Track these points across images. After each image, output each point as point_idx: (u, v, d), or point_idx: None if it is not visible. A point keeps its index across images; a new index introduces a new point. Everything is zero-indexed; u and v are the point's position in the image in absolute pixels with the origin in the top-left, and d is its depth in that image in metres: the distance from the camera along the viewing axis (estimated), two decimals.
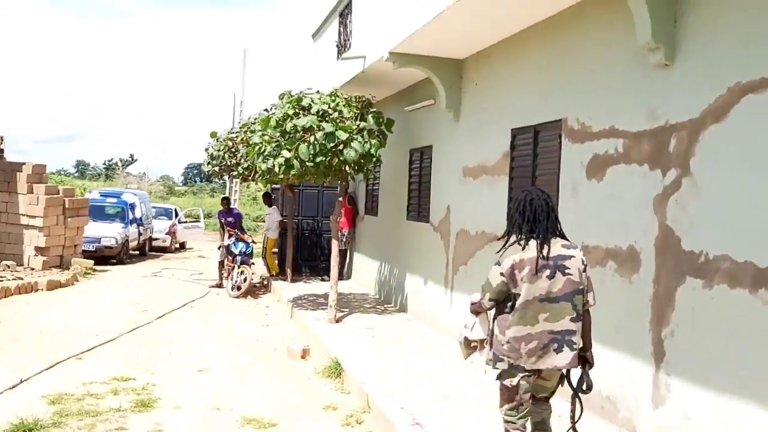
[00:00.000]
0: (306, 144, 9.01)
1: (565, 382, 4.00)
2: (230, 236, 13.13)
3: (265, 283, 14.06)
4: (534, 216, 3.87)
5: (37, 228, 14.30)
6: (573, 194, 5.89)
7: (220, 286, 13.38)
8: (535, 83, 6.70)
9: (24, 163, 14.77)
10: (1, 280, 12.00)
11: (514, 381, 3.85)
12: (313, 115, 9.13)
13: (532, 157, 6.61)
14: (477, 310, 4.08)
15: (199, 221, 24.82)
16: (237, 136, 12.41)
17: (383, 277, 11.56)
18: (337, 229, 9.78)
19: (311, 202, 15.38)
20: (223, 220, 13.42)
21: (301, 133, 9.12)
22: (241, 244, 12.73)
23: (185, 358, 7.70)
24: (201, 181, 79.44)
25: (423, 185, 9.81)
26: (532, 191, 4.01)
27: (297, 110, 9.32)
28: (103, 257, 17.24)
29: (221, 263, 13.46)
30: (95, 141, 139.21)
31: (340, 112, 9.27)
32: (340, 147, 9.03)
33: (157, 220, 22.44)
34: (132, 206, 19.32)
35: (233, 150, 12.55)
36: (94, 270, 15.28)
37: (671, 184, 4.66)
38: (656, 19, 4.71)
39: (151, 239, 21.25)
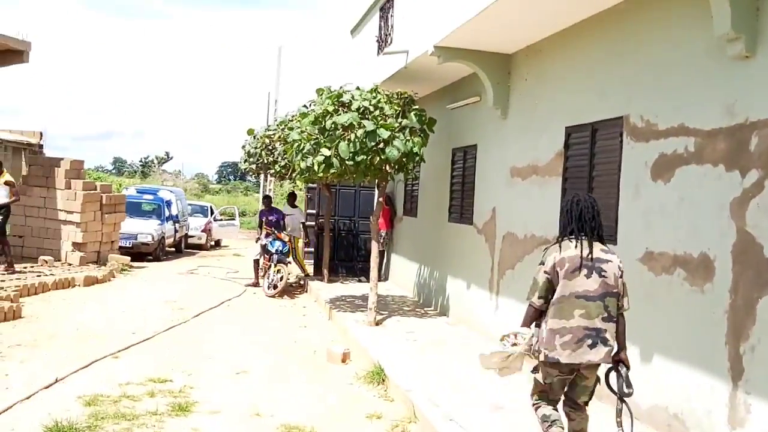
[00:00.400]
0: (346, 142, 8.78)
1: (605, 385, 4.13)
2: (267, 235, 12.95)
3: (302, 282, 13.87)
4: (580, 218, 4.06)
5: (74, 223, 14.31)
6: (635, 196, 5.53)
7: (256, 285, 13.21)
8: (592, 78, 6.35)
9: (62, 159, 14.80)
10: (39, 275, 11.99)
11: (549, 379, 4.08)
12: (354, 111, 8.88)
13: (589, 157, 6.26)
14: (532, 312, 4.14)
15: (234, 219, 24.78)
16: (274, 134, 12.22)
17: (422, 280, 11.27)
18: (376, 230, 9.52)
19: (348, 201, 15.16)
20: (264, 219, 13.25)
21: (340, 130, 8.88)
22: (277, 243, 12.54)
23: (222, 360, 7.50)
24: (235, 180, 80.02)
25: (466, 186, 9.50)
26: (580, 195, 4.24)
27: (337, 107, 9.09)
28: (139, 254, 17.24)
29: (257, 262, 13.29)
30: (132, 139, 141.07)
31: (381, 109, 9.01)
32: (381, 145, 8.78)
33: (192, 218, 22.45)
34: (168, 203, 19.31)
35: (270, 148, 12.37)
36: (131, 266, 15.25)
37: (752, 186, 4.29)
38: (737, 8, 4.34)
39: (187, 236, 21.25)
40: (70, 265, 13.96)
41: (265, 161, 12.26)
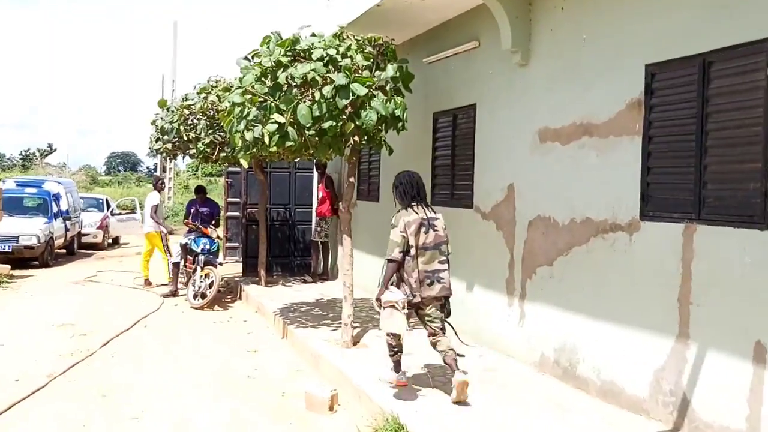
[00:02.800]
0: (308, 103, 6.52)
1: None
2: (189, 231, 10.44)
3: (230, 285, 11.42)
4: (417, 189, 5.43)
5: None
6: None
7: (175, 294, 10.67)
8: None
9: None
10: None
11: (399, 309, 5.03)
12: (317, 61, 6.62)
13: (700, 102, 4.32)
14: (394, 267, 5.23)
15: (135, 212, 21.68)
16: (195, 104, 9.69)
17: None
18: (348, 220, 7.30)
19: (282, 186, 12.81)
20: (192, 211, 10.67)
21: (299, 88, 6.61)
22: (203, 240, 10.06)
23: (155, 419, 5.13)
24: (126, 170, 74.96)
25: (459, 159, 7.44)
26: (411, 172, 5.60)
27: (291, 57, 6.78)
28: (22, 259, 14.18)
29: (176, 266, 10.75)
30: (11, 131, 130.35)
31: (352, 58, 6.77)
32: (351, 108, 6.60)
33: (85, 213, 19.25)
34: (56, 197, 16.19)
35: (190, 122, 9.83)
36: (12, 277, 12.28)
37: None
38: None
39: (80, 235, 18.11)
40: None
41: (185, 138, 9.70)
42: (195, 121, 9.77)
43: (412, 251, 5.15)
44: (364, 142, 7.19)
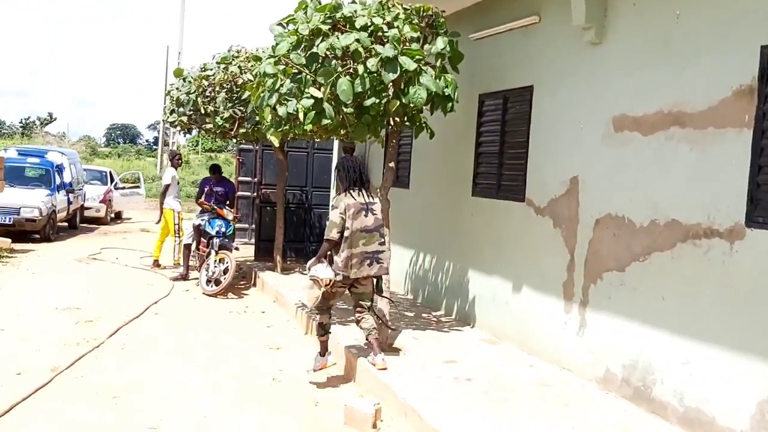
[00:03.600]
0: (349, 77, 5.84)
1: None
2: (203, 211, 9.78)
3: (243, 272, 10.78)
4: (358, 175, 5.68)
5: None
6: None
7: (185, 278, 10.03)
8: None
9: None
10: None
11: (334, 290, 5.55)
12: (361, 31, 5.93)
13: None
14: (329, 246, 5.56)
15: (139, 186, 21.01)
16: (214, 75, 8.99)
17: (421, 273, 8.52)
18: (386, 209, 6.63)
19: (299, 167, 12.14)
20: (206, 190, 10.00)
21: (341, 60, 5.94)
22: (218, 222, 9.40)
23: (175, 428, 4.51)
24: (125, 143, 74.06)
25: (509, 146, 6.77)
26: (353, 158, 5.98)
27: (331, 24, 6.09)
28: (23, 232, 13.53)
29: (188, 247, 10.10)
30: (13, 99, 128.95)
31: (399, 29, 6.08)
32: (396, 84, 5.94)
33: (88, 186, 18.55)
34: (60, 168, 15.49)
35: (209, 95, 9.13)
36: (12, 251, 11.63)
37: None
38: None
39: (82, 209, 17.44)
40: None
41: (203, 111, 9.00)
42: (213, 93, 9.07)
43: (347, 233, 5.48)
44: (406, 123, 6.56)
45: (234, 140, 9.91)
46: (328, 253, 5.63)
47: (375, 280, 5.75)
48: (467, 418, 4.53)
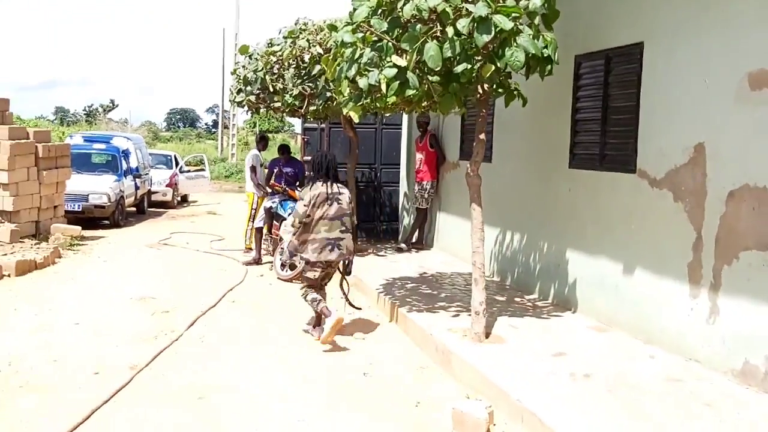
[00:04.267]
0: (437, 41, 5.26)
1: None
2: (274, 193, 9.38)
3: None
4: (327, 167, 6.15)
5: (0, 185, 10.47)
6: None
7: (258, 262, 9.69)
8: None
9: None
10: None
11: (312, 273, 6.14)
12: None
13: None
14: (295, 232, 6.09)
15: (203, 169, 20.91)
16: (282, 50, 8.51)
17: (510, 253, 7.91)
18: (478, 186, 6.03)
19: (367, 144, 11.64)
20: (276, 170, 9.62)
21: (426, 24, 5.35)
22: (290, 205, 8.98)
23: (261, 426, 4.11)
24: (185, 126, 75.10)
25: (614, 112, 6.08)
26: (326, 153, 6.50)
27: None
28: (91, 219, 13.48)
29: (260, 231, 9.73)
30: (77, 87, 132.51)
31: None
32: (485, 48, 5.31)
33: (154, 170, 18.47)
34: (126, 153, 15.40)
35: (276, 72, 8.66)
36: (83, 238, 11.52)
37: None
38: None
39: (149, 193, 17.39)
40: None
41: (271, 89, 8.54)
42: (281, 69, 8.59)
43: (308, 220, 6.00)
44: (498, 90, 5.94)
45: (303, 118, 9.42)
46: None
47: (344, 262, 6.28)
48: (597, 422, 3.96)
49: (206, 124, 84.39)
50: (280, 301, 7.69)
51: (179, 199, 19.64)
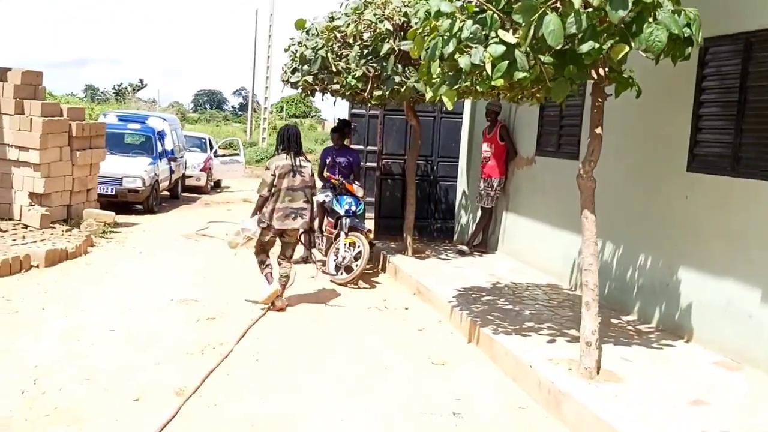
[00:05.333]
0: (555, 14, 4.30)
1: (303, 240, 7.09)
2: (325, 186, 8.50)
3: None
4: (288, 140, 6.58)
5: (31, 165, 9.72)
6: None
7: (306, 260, 8.82)
8: None
9: (9, 69, 10.04)
10: None
11: (266, 237, 6.59)
12: None
13: None
14: (261, 201, 6.51)
15: (238, 154, 20.12)
16: (345, 26, 7.58)
17: (601, 265, 6.90)
18: (591, 190, 5.09)
19: (424, 135, 10.62)
20: (328, 161, 8.72)
21: None
22: (347, 200, 8.09)
23: None
24: (212, 108, 74.68)
25: (754, 107, 5.08)
26: (290, 126, 6.95)
27: None
28: (124, 203, 12.73)
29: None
30: (105, 65, 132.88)
31: None
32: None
33: (188, 153, 17.67)
34: (161, 135, 14.61)
35: (338, 50, 7.74)
36: (117, 225, 10.76)
37: None
38: None
39: (184, 177, 16.63)
40: (26, 227, 9.44)
41: (333, 69, 7.63)
42: (344, 48, 7.67)
43: (274, 190, 6.43)
44: (615, 76, 4.99)
45: (366, 103, 8.50)
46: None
47: (303, 235, 6.99)
48: None
49: (233, 106, 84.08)
50: (337, 309, 6.82)
51: (212, 184, 18.87)
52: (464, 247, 9.10)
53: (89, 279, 7.44)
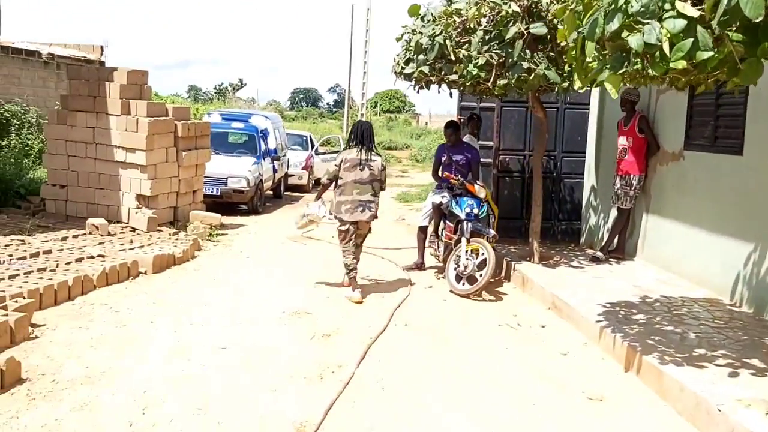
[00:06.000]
0: None
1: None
2: (444, 186, 7.79)
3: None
4: (362, 135, 6.77)
5: (137, 166, 9.52)
6: None
7: (420, 267, 8.17)
8: None
9: (115, 69, 9.89)
10: (81, 258, 7.27)
11: (343, 227, 6.74)
12: None
13: None
14: (322, 189, 7.05)
15: (338, 151, 19.70)
16: (467, 8, 6.81)
17: None
18: None
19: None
20: (444, 159, 8.04)
21: None
22: (468, 201, 7.34)
23: None
24: (308, 106, 75.53)
25: None
26: (363, 122, 7.19)
27: None
28: (229, 204, 12.50)
29: (424, 231, 8.18)
30: (207, 66, 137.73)
31: None
32: None
33: (290, 151, 17.40)
34: (264, 133, 14.34)
35: (457, 39, 6.98)
36: (222, 226, 10.46)
37: None
38: None
39: (286, 176, 16.36)
40: (134, 230, 9.25)
41: (453, 58, 6.88)
42: (462, 34, 6.91)
43: (341, 182, 6.71)
44: None
45: (487, 95, 7.73)
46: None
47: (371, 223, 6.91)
48: None
49: (327, 103, 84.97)
50: (463, 326, 6.09)
51: (313, 182, 18.56)
52: (599, 254, 8.15)
53: (197, 287, 7.05)
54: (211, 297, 6.69)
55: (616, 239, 8.25)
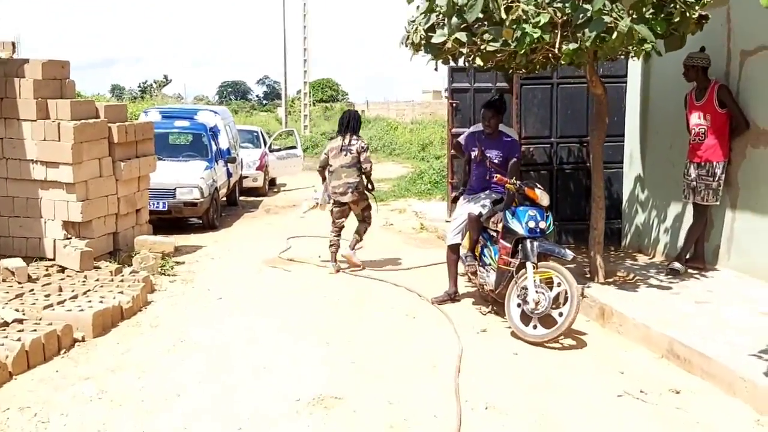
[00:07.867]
0: None
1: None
2: (492, 189, 5.88)
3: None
4: (347, 124, 7.54)
5: (63, 185, 7.27)
6: None
7: (454, 298, 6.24)
8: None
9: (27, 61, 7.56)
10: None
11: (335, 207, 7.56)
12: None
13: None
14: (321, 175, 7.74)
15: (295, 147, 17.56)
16: None
17: None
18: None
19: (574, 107, 8.09)
20: (475, 153, 6.13)
21: None
22: (529, 212, 5.40)
23: None
24: (236, 99, 72.49)
25: None
26: (350, 110, 8.06)
27: None
28: (177, 220, 10.30)
29: (454, 249, 6.22)
30: (129, 64, 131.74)
31: None
32: None
33: (241, 150, 15.09)
34: (215, 131, 12.09)
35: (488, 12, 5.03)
36: (177, 252, 8.28)
37: None
38: None
39: (241, 179, 14.13)
40: (63, 271, 7.01)
41: (497, 19, 4.90)
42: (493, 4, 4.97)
43: (331, 168, 7.50)
44: None
45: (547, 66, 5.84)
46: None
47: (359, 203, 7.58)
48: None
49: (257, 95, 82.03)
50: (570, 404, 4.18)
51: (269, 184, 16.32)
52: (677, 264, 6.37)
53: (160, 358, 4.94)
54: (184, 376, 4.60)
55: (694, 245, 6.50)
